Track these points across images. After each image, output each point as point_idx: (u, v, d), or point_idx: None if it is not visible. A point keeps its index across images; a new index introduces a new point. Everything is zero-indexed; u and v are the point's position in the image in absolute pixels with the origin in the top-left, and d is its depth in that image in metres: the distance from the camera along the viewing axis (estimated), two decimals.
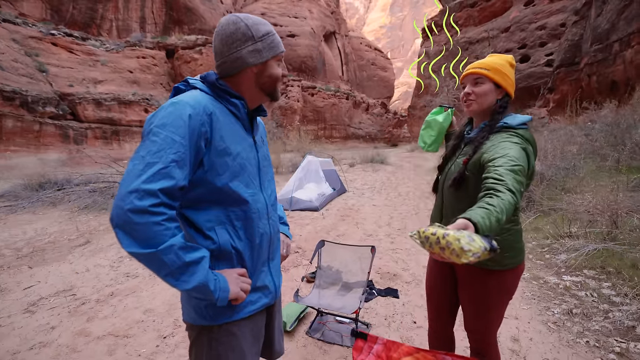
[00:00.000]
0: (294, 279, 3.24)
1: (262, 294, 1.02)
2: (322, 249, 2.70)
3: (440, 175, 1.37)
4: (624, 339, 2.05)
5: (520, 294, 2.77)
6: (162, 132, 0.80)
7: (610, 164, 4.75)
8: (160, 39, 23.79)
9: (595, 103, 7.59)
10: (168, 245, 0.76)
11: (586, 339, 2.12)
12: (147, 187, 0.75)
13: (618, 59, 8.52)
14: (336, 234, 4.84)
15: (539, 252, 3.44)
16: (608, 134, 5.53)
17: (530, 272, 3.12)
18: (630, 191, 3.70)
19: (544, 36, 17.80)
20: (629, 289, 2.44)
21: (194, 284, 0.80)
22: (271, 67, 0.97)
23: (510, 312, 2.52)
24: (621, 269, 2.72)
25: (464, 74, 1.30)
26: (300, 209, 6.41)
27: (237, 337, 0.95)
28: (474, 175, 1.17)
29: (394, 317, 2.54)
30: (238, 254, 0.94)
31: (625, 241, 2.91)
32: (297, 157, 13.22)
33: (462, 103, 1.30)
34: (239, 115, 0.97)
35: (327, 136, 35.00)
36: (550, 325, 2.31)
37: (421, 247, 0.83)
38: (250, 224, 0.96)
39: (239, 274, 0.92)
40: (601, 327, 2.19)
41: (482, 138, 1.21)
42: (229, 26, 0.93)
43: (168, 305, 2.73)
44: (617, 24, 8.86)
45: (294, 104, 30.82)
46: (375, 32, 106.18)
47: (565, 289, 2.73)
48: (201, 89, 0.93)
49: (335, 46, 44.39)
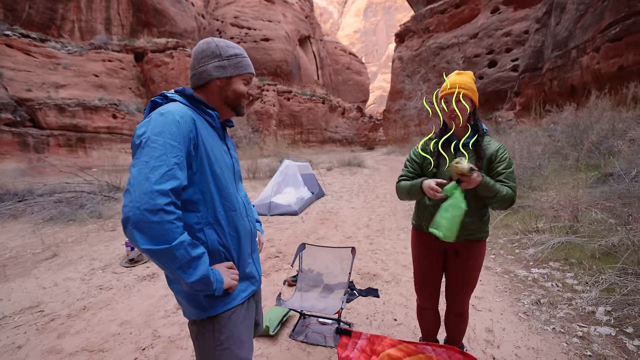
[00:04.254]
0: (276, 283, 3.24)
1: (250, 282, 1.17)
2: (303, 252, 2.74)
3: (440, 176, 1.56)
4: (585, 323, 2.24)
5: (493, 288, 2.94)
6: (160, 139, 0.90)
7: (571, 162, 5.15)
8: (128, 42, 22.88)
9: (557, 106, 8.18)
10: (180, 241, 0.86)
11: (552, 325, 2.28)
12: (159, 188, 0.85)
13: (576, 64, 9.24)
14: (316, 237, 4.89)
15: (510, 248, 3.66)
16: (569, 135, 5.99)
17: (502, 267, 3.31)
18: (588, 187, 4.03)
19: (509, 42, 18.92)
20: (589, 277, 2.66)
21: (199, 275, 0.91)
22: (235, 83, 1.12)
23: (485, 305, 2.67)
24: (582, 259, 2.95)
25: (446, 91, 1.52)
26: (279, 214, 6.42)
27: (236, 322, 1.08)
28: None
29: (375, 316, 2.61)
30: (226, 251, 1.07)
31: (585, 234, 3.17)
32: (274, 162, 13.18)
33: (447, 117, 1.55)
34: (214, 125, 1.11)
35: (304, 140, 35.11)
36: (520, 315, 2.47)
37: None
38: (234, 222, 1.09)
39: (228, 267, 1.06)
40: (565, 314, 2.37)
41: (480, 144, 1.55)
42: (202, 45, 1.11)
43: (146, 316, 2.66)
44: (574, 32, 9.62)
45: (269, 108, 30.71)
46: (350, 37, 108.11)
47: (533, 281, 2.93)
48: (180, 101, 1.04)
49: (310, 50, 44.78)
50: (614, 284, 2.42)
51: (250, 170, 12.25)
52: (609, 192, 3.63)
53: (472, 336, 2.28)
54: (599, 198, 3.58)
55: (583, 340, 2.10)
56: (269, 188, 6.99)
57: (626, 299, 2.22)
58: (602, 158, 4.57)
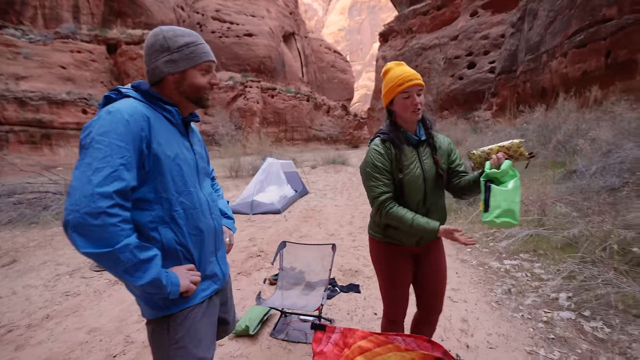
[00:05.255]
0: (257, 283, 3.26)
1: (212, 282, 1.15)
2: (284, 250, 2.75)
3: (410, 176, 1.42)
4: (549, 309, 2.43)
5: (469, 280, 3.10)
6: (105, 139, 0.87)
7: (540, 160, 5.48)
8: (99, 32, 21.75)
9: (529, 107, 8.65)
10: (124, 244, 0.84)
11: (521, 313, 2.46)
12: (101, 190, 0.83)
13: (546, 68, 9.78)
14: (299, 235, 4.92)
15: (485, 241, 3.87)
16: (539, 134, 6.38)
17: (477, 260, 3.50)
18: (555, 183, 4.32)
19: (487, 45, 19.68)
20: (554, 267, 2.87)
21: (148, 279, 0.89)
22: (191, 77, 1.06)
23: (460, 296, 2.82)
24: (548, 250, 3.18)
25: (410, 83, 1.36)
26: (262, 212, 6.40)
27: (193, 320, 1.06)
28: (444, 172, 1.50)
29: (356, 311, 2.70)
30: (185, 250, 1.05)
31: (551, 226, 3.41)
32: (257, 160, 13.09)
33: (409, 112, 1.40)
34: (173, 121, 1.07)
35: (289, 138, 34.94)
36: (493, 304, 2.64)
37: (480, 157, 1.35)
38: (194, 220, 1.07)
39: (188, 269, 1.04)
40: (533, 302, 2.56)
41: (434, 138, 1.50)
42: (150, 38, 1.05)
43: (117, 321, 2.58)
44: (545, 37, 10.16)
45: (253, 105, 30.31)
46: (334, 35, 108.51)
47: (505, 272, 3.12)
48: (134, 97, 1.01)
49: (295, 47, 44.65)
50: (574, 271, 2.63)
51: (233, 169, 12.08)
52: (572, 187, 3.91)
53: (448, 326, 2.40)
54: (564, 193, 3.86)
55: (547, 324, 2.28)
56: (251, 186, 6.95)
57: (584, 285, 2.43)
58: (568, 156, 4.91)
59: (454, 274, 3.21)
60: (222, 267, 1.21)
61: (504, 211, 1.14)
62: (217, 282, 1.17)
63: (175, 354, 1.03)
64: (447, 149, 1.55)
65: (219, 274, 1.18)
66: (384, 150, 1.43)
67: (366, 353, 1.06)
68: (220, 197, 1.42)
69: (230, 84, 30.30)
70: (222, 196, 1.45)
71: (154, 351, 1.07)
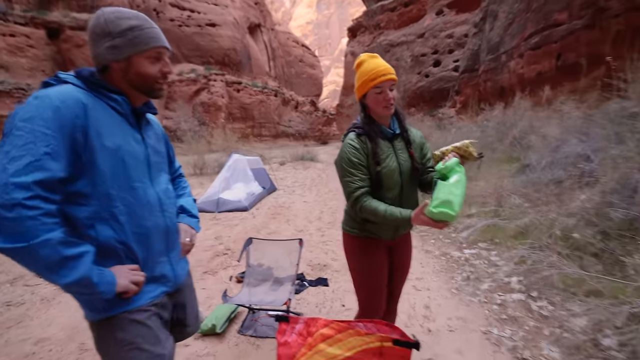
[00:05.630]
0: (223, 281, 3.25)
1: (160, 284, 1.10)
2: (250, 246, 2.74)
3: (387, 170, 1.43)
4: (503, 292, 2.67)
5: (432, 269, 3.31)
6: (29, 126, 0.81)
7: (498, 155, 5.93)
8: (37, 14, 19.66)
9: (489, 105, 9.28)
10: (44, 239, 0.78)
11: (478, 297, 2.68)
12: (17, 180, 0.77)
13: (505, 68, 10.52)
14: (267, 232, 4.94)
15: (447, 232, 4.14)
16: (498, 131, 6.91)
17: (440, 250, 3.73)
18: (511, 177, 4.72)
19: (452, 44, 20.70)
20: (507, 254, 3.15)
21: (74, 277, 0.83)
22: (138, 64, 0.99)
23: (424, 285, 3.01)
24: (503, 239, 3.48)
25: (383, 78, 1.36)
26: (228, 210, 6.34)
27: (137, 323, 1.01)
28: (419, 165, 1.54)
29: (325, 304, 2.79)
30: (127, 249, 0.99)
31: (506, 217, 3.73)
32: (223, 157, 12.77)
33: (381, 106, 1.40)
34: (121, 111, 1.00)
35: (257, 135, 34.41)
36: (453, 291, 2.85)
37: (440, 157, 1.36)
38: (138, 217, 1.01)
39: (131, 269, 0.98)
40: (489, 287, 2.80)
41: (408, 132, 1.54)
42: (91, 21, 0.98)
43: (69, 329, 2.45)
44: (504, 39, 10.90)
45: (217, 100, 29.46)
46: (302, 28, 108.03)
47: (465, 260, 3.37)
48: (74, 83, 0.95)
49: (261, 40, 43.89)
50: (524, 257, 2.91)
51: (197, 166, 11.78)
52: (525, 180, 4.30)
53: (412, 313, 2.56)
54: (518, 186, 4.22)
55: (500, 306, 2.51)
56: (216, 184, 6.85)
57: (532, 269, 2.70)
58: (522, 151, 5.37)
59: (419, 265, 3.41)
60: (174, 269, 1.15)
61: (442, 202, 1.17)
62: (166, 284, 1.12)
63: (123, 357, 1.00)
64: (420, 142, 1.59)
65: (169, 276, 1.13)
66: (360, 144, 1.42)
67: (328, 340, 1.11)
68: (187, 195, 1.38)
69: (193, 76, 29.25)
70: (188, 194, 1.40)
71: (100, 355, 1.04)
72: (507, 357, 2.01)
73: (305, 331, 1.14)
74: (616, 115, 4.14)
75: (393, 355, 1.07)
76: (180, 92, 28.34)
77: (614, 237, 2.56)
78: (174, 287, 1.17)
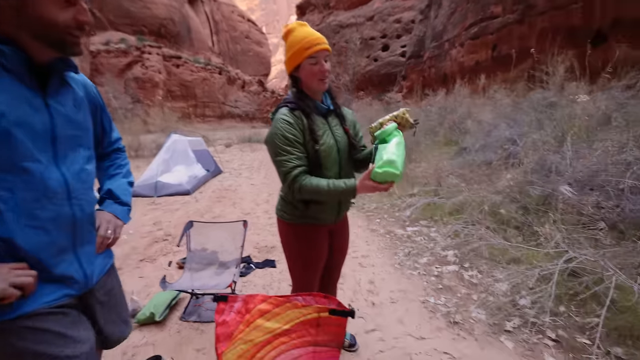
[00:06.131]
0: (164, 268, 3.09)
1: (63, 285, 0.93)
2: (191, 230, 2.64)
3: (325, 147, 1.36)
4: (440, 264, 2.93)
5: (377, 247, 3.49)
6: None
7: (439, 139, 6.39)
8: None
9: (433, 90, 9.87)
10: None
11: (418, 270, 2.90)
12: None
13: (447, 56, 11.21)
14: (211, 216, 4.82)
15: (391, 212, 4.38)
16: (439, 116, 7.41)
17: (385, 229, 3.94)
18: (450, 159, 5.13)
19: (399, 29, 21.42)
20: (444, 229, 3.45)
21: None
22: (39, 5, 0.77)
23: (369, 262, 3.16)
24: (442, 216, 3.79)
25: (318, 47, 1.28)
26: (168, 194, 6.05)
27: (30, 330, 0.86)
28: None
29: (272, 285, 2.80)
30: (7, 244, 0.82)
31: (444, 195, 4.06)
32: (162, 137, 11.96)
33: (316, 79, 1.32)
34: (7, 66, 0.80)
35: (200, 115, 32.63)
36: (396, 266, 3.04)
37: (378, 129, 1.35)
38: (30, 206, 0.84)
39: (14, 268, 0.80)
40: (427, 260, 3.04)
41: (340, 108, 1.49)
42: None
43: None
44: (447, 27, 11.55)
45: (154, 75, 27.24)
46: (248, 2, 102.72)
47: (407, 237, 3.61)
48: None
49: (202, 11, 40.88)
50: (458, 231, 3.21)
51: (132, 148, 11.01)
52: (462, 162, 4.70)
53: (358, 289, 2.69)
54: (456, 167, 4.61)
55: (437, 277, 2.75)
56: (154, 166, 6.47)
57: (465, 242, 2.99)
58: (460, 135, 5.84)
59: (364, 243, 3.57)
60: (84, 268, 0.98)
61: (385, 162, 1.17)
62: (72, 287, 0.94)
63: None
64: (352, 120, 1.55)
65: (76, 276, 0.95)
66: (294, 120, 1.32)
67: (266, 314, 1.11)
68: (121, 176, 1.19)
69: (123, 47, 26.68)
70: (124, 175, 1.21)
71: None
72: (441, 322, 2.22)
73: (244, 309, 1.13)
74: (538, 104, 4.67)
75: (330, 324, 1.10)
76: (108, 65, 25.84)
77: (532, 211, 2.94)
78: (84, 290, 0.99)
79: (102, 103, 1.11)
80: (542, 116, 4.15)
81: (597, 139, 3.14)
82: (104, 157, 1.19)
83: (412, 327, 2.19)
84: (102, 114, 1.13)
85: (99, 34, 27.56)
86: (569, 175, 2.88)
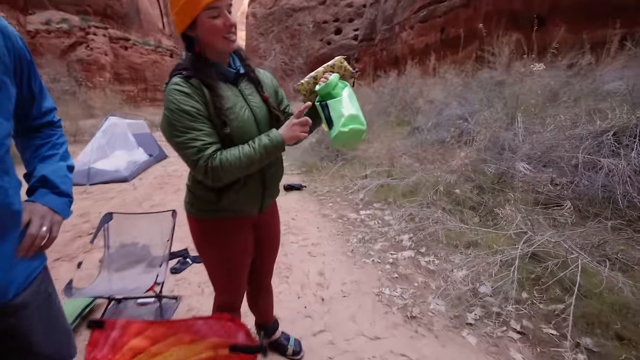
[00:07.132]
0: (84, 268, 2.46)
1: None
2: (110, 224, 2.18)
3: (239, 122, 1.03)
4: (395, 251, 2.60)
5: (329, 233, 3.09)
6: None
7: (392, 119, 6.12)
8: None
9: (385, 72, 9.60)
10: None
11: (372, 258, 2.55)
12: None
13: (398, 39, 10.97)
14: (150, 204, 4.20)
15: (344, 195, 3.99)
16: (392, 97, 7.15)
17: (337, 213, 3.55)
18: (403, 139, 4.86)
19: (351, 13, 21.00)
20: (398, 212, 3.13)
21: None
22: None
23: (319, 250, 2.76)
24: (396, 198, 3.48)
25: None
26: (103, 182, 5.28)
27: None
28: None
29: (208, 283, 2.30)
30: None
31: (397, 176, 3.75)
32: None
33: (220, 37, 0.96)
34: None
35: (150, 99, 30.44)
36: (348, 254, 2.67)
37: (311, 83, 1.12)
38: None
39: None
40: (382, 246, 2.70)
41: (255, 71, 1.15)
42: None
43: None
44: (397, 11, 11.24)
45: (100, 57, 25.31)
46: None
47: (361, 222, 3.25)
48: None
49: None
50: (412, 214, 2.91)
51: (70, 133, 9.86)
52: (415, 141, 4.43)
53: (306, 282, 2.31)
54: (409, 147, 4.34)
55: (392, 265, 2.42)
56: (87, 151, 5.64)
57: (420, 225, 2.69)
58: (413, 115, 5.59)
59: (315, 229, 3.16)
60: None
61: (348, 118, 1.00)
62: None
63: None
64: (272, 85, 1.22)
65: None
66: (191, 89, 0.96)
67: (139, 355, 0.80)
68: (58, 159, 0.91)
69: (64, 27, 24.51)
70: (62, 156, 0.93)
71: None
72: (398, 317, 1.90)
73: (120, 341, 0.82)
74: (487, 82, 4.50)
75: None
76: (49, 46, 23.76)
77: (487, 190, 2.69)
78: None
79: (29, 58, 0.82)
80: (492, 94, 3.98)
81: (548, 115, 2.97)
82: (34, 133, 0.91)
83: (365, 325, 1.85)
84: (30, 74, 0.83)
85: (38, 13, 25.04)
86: (522, 153, 2.67)
